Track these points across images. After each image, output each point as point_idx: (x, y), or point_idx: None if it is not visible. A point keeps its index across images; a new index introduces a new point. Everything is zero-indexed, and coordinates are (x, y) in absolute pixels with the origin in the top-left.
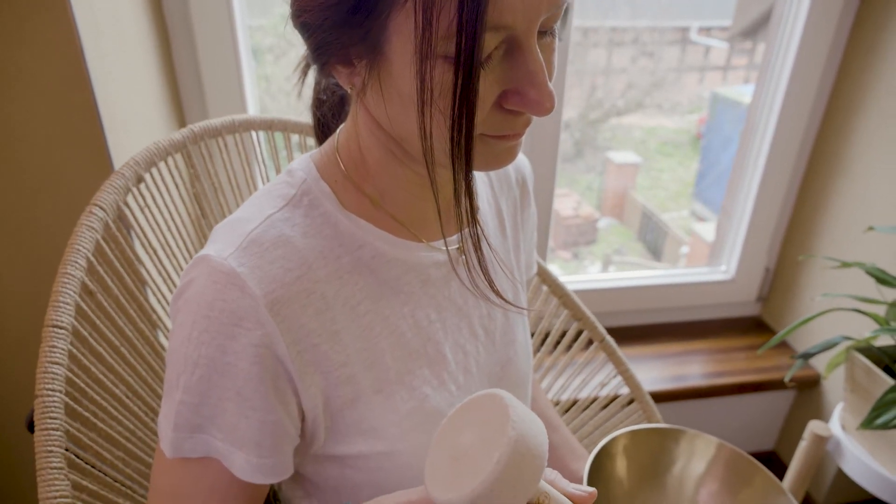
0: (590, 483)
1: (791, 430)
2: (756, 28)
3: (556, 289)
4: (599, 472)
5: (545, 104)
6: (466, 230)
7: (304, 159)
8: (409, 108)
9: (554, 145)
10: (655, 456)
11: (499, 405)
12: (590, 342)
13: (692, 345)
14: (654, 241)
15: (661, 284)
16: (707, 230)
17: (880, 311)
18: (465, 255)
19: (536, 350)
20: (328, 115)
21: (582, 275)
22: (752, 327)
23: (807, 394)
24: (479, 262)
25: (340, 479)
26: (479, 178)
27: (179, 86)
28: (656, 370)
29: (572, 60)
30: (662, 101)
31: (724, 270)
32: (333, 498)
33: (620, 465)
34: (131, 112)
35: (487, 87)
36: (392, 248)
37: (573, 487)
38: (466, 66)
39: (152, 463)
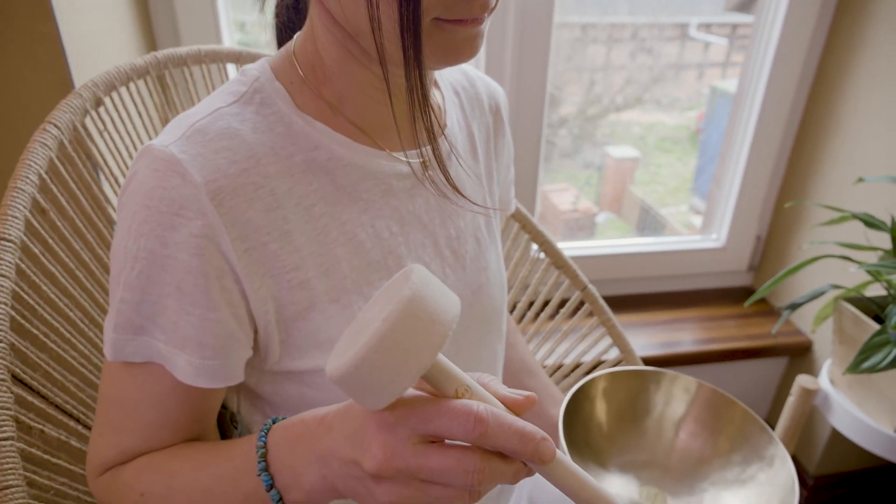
0: (566, 426)
1: (783, 398)
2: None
3: (547, 246)
4: (578, 415)
5: None
6: (436, 143)
7: (259, 62)
8: None
9: (536, 145)
10: (634, 398)
11: (405, 274)
12: (581, 304)
13: (683, 313)
14: (652, 235)
15: (652, 252)
16: None
17: (870, 258)
18: (435, 164)
19: (523, 314)
20: (288, 21)
21: (570, 241)
22: (744, 297)
23: (798, 361)
24: (446, 176)
25: (299, 399)
26: (449, 98)
27: (151, 15)
28: (646, 337)
29: (571, 56)
30: (661, 97)
31: (715, 238)
32: None
33: (600, 408)
34: (97, 38)
35: None
36: (350, 152)
37: (508, 391)
38: None
39: None
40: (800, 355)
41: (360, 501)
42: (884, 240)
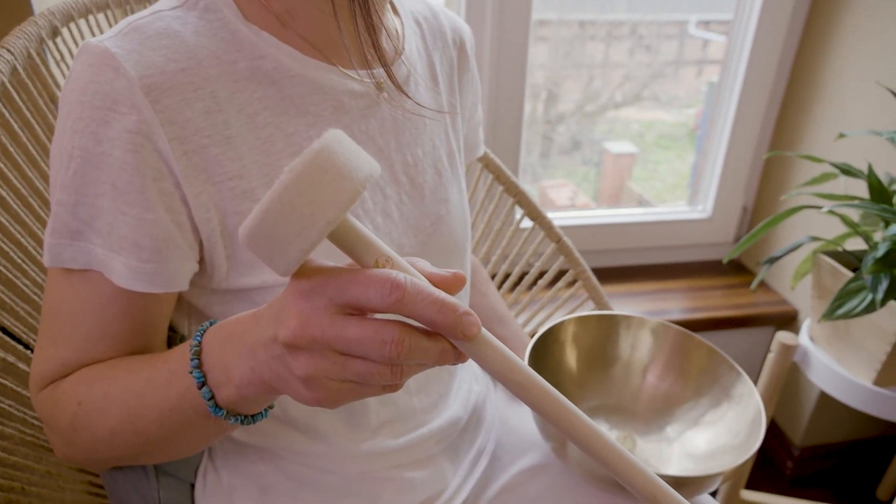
0: (536, 370)
1: None
2: None
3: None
4: (548, 361)
5: None
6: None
7: None
8: None
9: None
10: (603, 343)
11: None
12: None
13: (669, 284)
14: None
15: (638, 222)
16: None
17: (852, 214)
18: (391, 86)
19: (514, 286)
20: None
21: (553, 212)
22: (731, 269)
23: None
24: (401, 91)
25: None
26: (409, 27)
27: None
28: (632, 307)
29: (569, 53)
30: (660, 94)
31: (701, 210)
32: None
33: (570, 354)
34: None
35: None
36: (298, 64)
37: (437, 269)
38: None
39: None
40: (785, 324)
41: (283, 388)
42: (862, 189)
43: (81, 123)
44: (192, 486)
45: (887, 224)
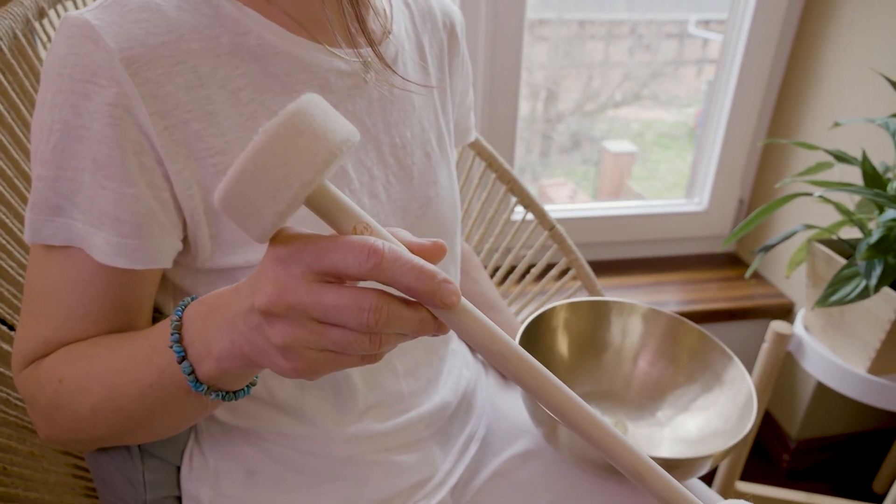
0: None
1: None
2: None
3: (514, 185)
4: (539, 347)
5: None
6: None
7: None
8: None
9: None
10: (595, 329)
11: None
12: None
13: (666, 277)
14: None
15: (634, 215)
16: None
17: (847, 202)
18: (379, 66)
19: (503, 277)
20: None
21: (549, 204)
22: (727, 262)
23: None
24: (386, 67)
25: None
26: (398, 8)
27: None
28: (628, 299)
29: (569, 52)
30: (660, 94)
31: (698, 202)
32: None
33: (561, 340)
34: None
35: None
36: (282, 41)
37: (416, 238)
38: None
39: None
40: (782, 317)
41: (262, 359)
42: (857, 179)
43: (61, 96)
44: (178, 468)
45: (881, 210)
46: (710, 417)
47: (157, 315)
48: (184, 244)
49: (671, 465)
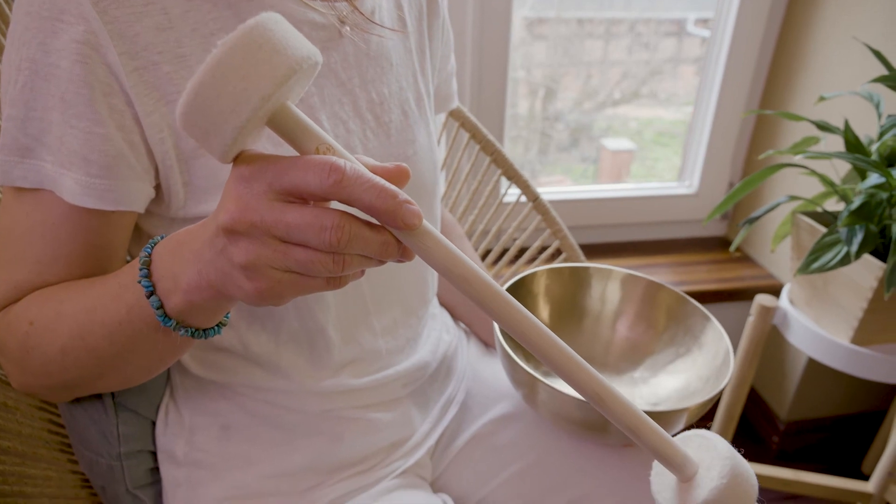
0: None
1: None
2: None
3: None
4: None
5: None
6: None
7: None
8: None
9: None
10: (574, 295)
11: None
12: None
13: (656, 259)
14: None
15: (625, 197)
16: None
17: (831, 175)
18: (355, 21)
19: (496, 260)
20: None
21: (542, 187)
22: (717, 245)
23: None
24: (365, 17)
25: None
26: None
27: None
28: None
29: (567, 51)
30: (658, 92)
31: (688, 185)
32: None
33: (542, 307)
34: None
35: None
36: None
37: (380, 163)
38: None
39: None
40: None
41: (227, 284)
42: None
43: (29, 34)
44: (153, 423)
45: (863, 176)
46: (689, 379)
47: None
48: (157, 192)
49: None
